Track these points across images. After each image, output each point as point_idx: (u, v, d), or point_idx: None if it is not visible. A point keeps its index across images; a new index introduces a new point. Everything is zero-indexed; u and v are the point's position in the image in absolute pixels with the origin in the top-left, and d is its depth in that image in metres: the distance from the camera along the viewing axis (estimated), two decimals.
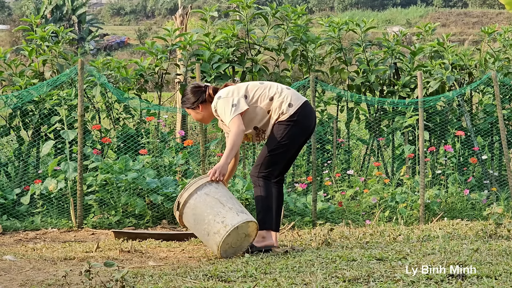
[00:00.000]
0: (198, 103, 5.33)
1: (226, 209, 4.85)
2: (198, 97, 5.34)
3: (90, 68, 7.77)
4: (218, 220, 4.82)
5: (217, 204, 4.88)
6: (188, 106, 5.40)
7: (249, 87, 5.28)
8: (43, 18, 44.32)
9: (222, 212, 4.84)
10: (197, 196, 4.93)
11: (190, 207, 4.93)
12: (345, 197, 7.87)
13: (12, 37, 42.30)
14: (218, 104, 5.19)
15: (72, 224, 6.95)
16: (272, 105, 5.22)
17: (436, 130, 8.74)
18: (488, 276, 3.73)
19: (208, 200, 4.90)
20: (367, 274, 3.81)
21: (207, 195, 4.93)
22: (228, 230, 4.77)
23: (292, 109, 5.18)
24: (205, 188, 4.96)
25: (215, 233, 4.81)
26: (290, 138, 5.21)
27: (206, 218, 4.86)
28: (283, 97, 5.24)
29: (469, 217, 7.43)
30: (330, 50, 8.97)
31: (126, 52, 45.83)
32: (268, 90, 5.27)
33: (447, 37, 9.35)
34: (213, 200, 4.90)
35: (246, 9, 8.43)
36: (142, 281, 3.85)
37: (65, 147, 7.59)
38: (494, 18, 51.62)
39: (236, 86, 5.31)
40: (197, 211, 4.90)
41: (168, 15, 61.35)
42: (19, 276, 4.16)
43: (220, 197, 4.92)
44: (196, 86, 5.44)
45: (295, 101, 5.24)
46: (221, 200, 4.91)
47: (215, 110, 5.22)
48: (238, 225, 4.80)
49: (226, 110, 5.12)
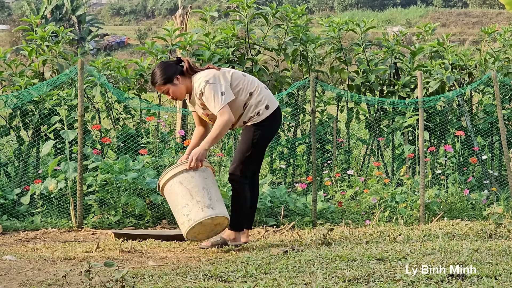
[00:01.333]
0: (177, 74, 5.18)
1: (194, 202, 5.05)
2: (174, 69, 5.20)
3: (90, 68, 7.77)
4: (184, 213, 5.07)
5: (186, 195, 5.08)
6: (166, 80, 5.17)
7: (233, 76, 5.24)
8: (43, 18, 44.30)
9: (189, 205, 5.06)
10: (172, 182, 5.13)
11: (167, 191, 5.19)
12: (345, 197, 7.87)
13: (12, 37, 42.29)
14: (206, 88, 5.09)
15: (72, 224, 6.95)
16: (250, 101, 5.24)
17: (436, 130, 8.74)
18: (488, 276, 3.73)
19: (180, 190, 5.10)
20: (367, 274, 3.81)
21: (180, 184, 5.11)
22: (191, 224, 5.03)
23: (268, 111, 5.25)
24: (180, 176, 5.12)
25: (181, 223, 5.11)
26: (265, 139, 5.29)
27: (175, 207, 5.13)
28: (262, 96, 5.27)
29: (469, 217, 7.43)
30: (330, 50, 8.97)
31: (126, 52, 45.82)
32: (249, 84, 5.28)
33: (447, 37, 9.35)
34: (184, 190, 5.09)
35: (246, 9, 8.43)
36: (142, 281, 3.85)
37: (65, 147, 7.59)
38: (494, 18, 51.60)
39: (221, 71, 5.23)
40: (170, 197, 5.16)
41: (168, 15, 61.35)
42: (19, 276, 4.16)
43: (192, 188, 5.09)
44: (165, 61, 5.35)
45: (272, 104, 5.31)
46: (192, 191, 5.08)
47: (200, 93, 5.12)
48: (202, 221, 5.04)
49: (215, 97, 5.07)
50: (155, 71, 5.24)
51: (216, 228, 5.19)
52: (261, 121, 5.24)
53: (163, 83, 5.19)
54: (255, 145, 5.23)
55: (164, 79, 5.17)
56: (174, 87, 5.19)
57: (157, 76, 5.20)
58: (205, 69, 5.26)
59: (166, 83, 5.18)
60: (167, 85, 5.19)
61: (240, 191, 5.26)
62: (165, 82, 5.18)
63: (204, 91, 5.10)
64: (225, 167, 8.39)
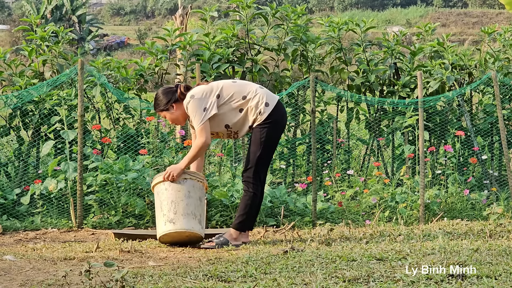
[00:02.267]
0: (171, 102, 5.39)
1: (160, 216, 5.36)
2: (170, 97, 5.41)
3: (90, 68, 7.77)
4: (156, 222, 5.46)
5: (158, 207, 5.40)
6: (162, 108, 5.43)
7: (224, 87, 5.36)
8: (43, 18, 44.30)
9: (159, 217, 5.38)
10: (154, 191, 5.47)
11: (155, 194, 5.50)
12: (345, 197, 7.87)
13: (12, 37, 42.28)
14: (190, 104, 5.28)
15: (72, 224, 6.94)
16: (248, 104, 5.32)
17: (436, 130, 8.74)
18: (488, 276, 3.73)
19: (156, 200, 5.44)
20: (367, 274, 3.81)
21: (157, 194, 5.42)
22: (158, 236, 5.40)
23: (269, 108, 5.31)
24: (157, 187, 5.43)
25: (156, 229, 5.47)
26: (274, 138, 5.39)
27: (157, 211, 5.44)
28: (259, 96, 5.34)
29: (469, 217, 7.42)
30: (330, 50, 8.97)
31: (126, 52, 45.81)
32: (241, 88, 5.37)
33: (447, 37, 9.34)
34: (158, 201, 5.42)
35: (246, 9, 8.43)
36: (142, 281, 3.85)
37: (65, 147, 7.59)
38: (494, 18, 51.61)
39: (209, 85, 5.38)
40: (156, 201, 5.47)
41: (168, 15, 61.34)
42: (19, 276, 4.16)
43: (163, 201, 5.36)
44: (166, 87, 5.54)
45: (271, 100, 5.37)
46: (162, 204, 5.36)
47: (186, 108, 5.31)
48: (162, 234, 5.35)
49: (197, 113, 5.23)
50: (156, 96, 5.51)
51: (189, 239, 5.41)
52: (265, 119, 5.32)
53: (160, 110, 5.48)
54: (264, 145, 5.32)
55: (159, 106, 5.46)
56: (170, 114, 5.45)
57: (155, 102, 5.51)
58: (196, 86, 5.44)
59: (162, 111, 5.46)
60: (163, 112, 5.47)
61: (252, 195, 5.40)
62: (161, 109, 5.46)
63: (188, 106, 5.30)
64: (225, 167, 8.40)
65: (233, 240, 5.44)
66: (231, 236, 5.45)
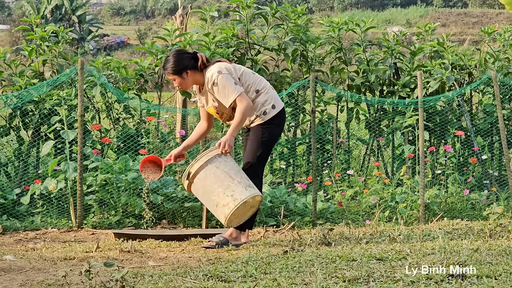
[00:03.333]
0: (187, 69, 5.33)
1: (235, 183, 5.14)
2: (187, 63, 5.34)
3: (90, 68, 7.77)
4: (227, 194, 5.12)
5: (226, 178, 5.16)
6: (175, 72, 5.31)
7: (244, 72, 5.39)
8: (43, 18, 44.30)
9: (232, 186, 5.13)
10: (207, 168, 5.18)
11: (201, 178, 5.19)
12: (345, 197, 7.87)
13: (12, 37, 42.25)
14: (219, 78, 5.23)
15: (72, 224, 6.95)
16: (257, 99, 5.36)
17: (436, 130, 8.74)
18: (488, 276, 3.73)
19: (218, 173, 5.17)
20: (367, 274, 3.81)
21: (217, 168, 5.18)
22: (237, 204, 5.10)
23: (274, 111, 5.38)
24: (215, 161, 5.20)
25: (224, 205, 5.12)
26: (273, 138, 5.45)
27: (215, 191, 5.15)
28: (269, 95, 5.40)
29: (469, 217, 7.43)
30: (330, 50, 8.97)
31: (126, 52, 45.80)
32: (257, 82, 5.41)
33: (447, 37, 9.34)
34: (222, 173, 5.17)
35: (246, 9, 8.43)
36: (142, 281, 3.85)
37: (65, 147, 7.59)
38: (494, 18, 51.58)
39: (233, 64, 5.40)
40: (207, 182, 5.17)
41: (168, 15, 61.32)
42: (19, 276, 4.16)
43: (229, 171, 5.18)
44: (182, 51, 5.48)
45: (278, 104, 5.45)
46: (230, 173, 5.18)
47: (212, 83, 5.24)
48: (246, 200, 5.11)
49: (229, 86, 5.21)
50: (169, 58, 5.39)
51: (251, 211, 5.29)
52: (268, 120, 5.37)
53: (172, 73, 5.36)
54: (264, 144, 5.37)
55: (174, 70, 5.33)
56: (181, 79, 5.35)
57: (168, 64, 5.37)
58: (216, 62, 5.39)
59: (175, 74, 5.34)
60: (175, 76, 5.36)
61: None
62: (174, 73, 5.34)
63: (217, 82, 5.23)
64: None
65: (233, 239, 5.44)
66: (231, 235, 5.45)
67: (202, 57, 5.35)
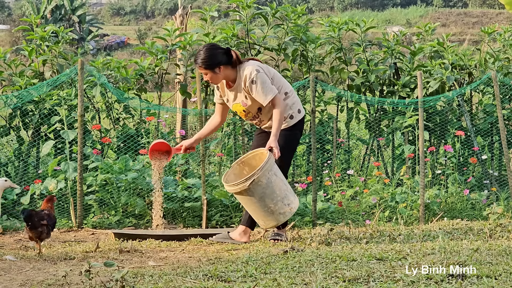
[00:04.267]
0: (220, 65, 5.34)
1: (289, 191, 5.26)
2: (221, 59, 5.34)
3: (90, 68, 7.77)
4: (285, 203, 5.22)
5: (283, 186, 5.24)
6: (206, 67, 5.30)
7: (276, 74, 5.47)
8: (43, 18, 44.30)
9: (288, 196, 5.24)
10: (268, 175, 5.17)
11: (262, 185, 5.16)
12: (345, 197, 7.87)
13: (12, 37, 42.26)
14: (258, 76, 5.28)
15: (72, 224, 6.95)
16: (286, 101, 5.45)
17: (436, 130, 8.73)
18: (488, 276, 3.73)
19: (277, 181, 5.21)
20: (367, 274, 3.81)
21: (276, 176, 5.22)
22: (293, 212, 5.27)
23: (299, 116, 5.52)
24: (274, 168, 5.23)
25: (280, 213, 5.22)
26: (296, 143, 5.59)
27: (275, 199, 5.19)
28: (295, 99, 5.54)
29: (469, 217, 7.42)
30: (330, 50, 8.97)
31: (126, 52, 45.80)
32: (286, 85, 5.50)
33: (447, 37, 9.34)
34: (280, 181, 5.24)
35: (246, 9, 8.43)
36: (142, 281, 3.85)
37: (65, 147, 7.59)
38: (494, 18, 51.57)
39: (265, 65, 5.49)
40: (268, 190, 5.18)
41: (168, 15, 61.31)
42: (19, 276, 4.16)
43: (282, 178, 5.28)
44: (216, 46, 5.48)
45: (302, 110, 5.59)
46: (284, 181, 5.28)
47: (251, 81, 5.28)
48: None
49: (267, 85, 5.27)
50: (201, 52, 5.38)
51: None
52: (293, 125, 5.48)
53: (204, 68, 5.34)
54: (289, 149, 5.48)
55: (207, 65, 5.33)
56: (212, 74, 5.35)
57: (200, 59, 5.36)
58: (250, 60, 5.46)
59: (207, 69, 5.33)
60: (207, 70, 5.35)
61: None
62: (207, 68, 5.33)
63: (256, 80, 5.28)
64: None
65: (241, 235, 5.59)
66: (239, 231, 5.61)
67: (236, 53, 5.40)
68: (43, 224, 5.09)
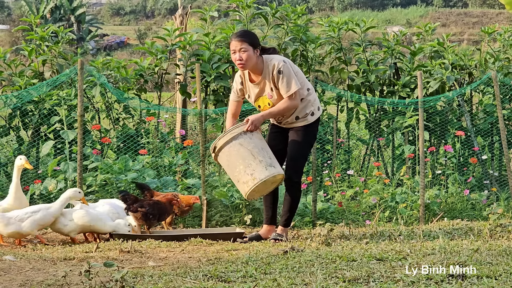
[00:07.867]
0: (259, 47, 5.46)
1: (257, 162, 5.30)
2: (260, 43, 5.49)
3: (90, 68, 7.77)
4: (248, 172, 5.30)
5: (249, 156, 5.32)
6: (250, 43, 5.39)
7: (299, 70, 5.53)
8: (43, 18, 44.29)
9: (253, 165, 5.30)
10: (232, 144, 5.34)
11: (225, 153, 5.37)
12: (345, 197, 7.87)
13: (12, 37, 42.28)
14: (285, 67, 5.37)
15: None
16: (309, 97, 5.51)
17: (436, 130, 8.73)
18: (488, 276, 3.73)
19: (242, 151, 5.33)
20: (367, 274, 3.81)
21: (241, 145, 5.34)
22: (256, 183, 5.28)
23: (319, 113, 5.59)
24: (240, 138, 5.35)
25: (244, 182, 5.33)
26: (314, 139, 5.71)
27: (237, 167, 5.33)
28: (315, 97, 5.62)
29: (469, 217, 7.42)
30: (330, 50, 8.97)
31: (126, 52, 45.79)
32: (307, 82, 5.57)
33: (447, 37, 9.34)
34: (246, 151, 5.33)
35: (246, 9, 8.43)
36: (142, 281, 3.85)
37: (65, 147, 7.59)
38: (494, 18, 51.57)
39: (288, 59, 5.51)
40: (231, 158, 5.35)
41: (168, 15, 61.30)
42: (19, 276, 4.16)
43: (252, 149, 5.33)
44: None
45: (320, 108, 5.65)
46: (253, 152, 5.33)
47: (278, 71, 5.35)
48: (266, 179, 5.29)
49: (293, 78, 5.35)
50: (249, 31, 5.58)
51: (272, 186, 5.47)
52: (312, 123, 5.54)
53: (248, 43, 5.40)
54: (307, 146, 5.56)
55: (252, 40, 5.42)
56: (250, 53, 5.40)
57: (248, 34, 5.49)
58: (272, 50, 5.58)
59: (250, 45, 5.40)
60: (249, 47, 5.40)
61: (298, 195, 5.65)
62: (250, 44, 5.41)
63: (282, 70, 5.35)
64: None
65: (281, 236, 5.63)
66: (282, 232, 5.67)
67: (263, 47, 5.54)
68: (141, 211, 5.84)
